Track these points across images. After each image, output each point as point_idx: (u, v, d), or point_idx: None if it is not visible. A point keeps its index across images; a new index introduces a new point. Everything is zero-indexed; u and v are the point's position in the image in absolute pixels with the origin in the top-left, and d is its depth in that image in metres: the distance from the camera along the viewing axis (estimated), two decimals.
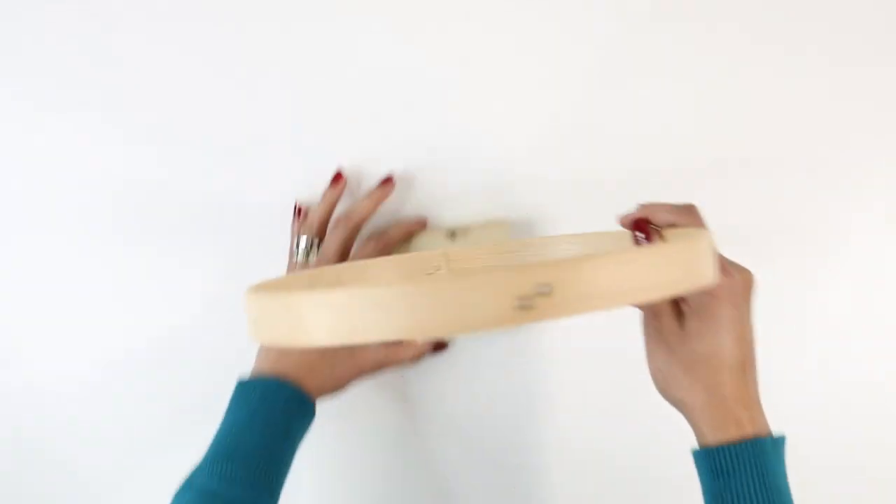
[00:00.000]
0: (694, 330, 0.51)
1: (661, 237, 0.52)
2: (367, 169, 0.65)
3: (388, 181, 0.64)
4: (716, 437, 0.50)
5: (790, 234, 0.68)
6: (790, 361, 0.69)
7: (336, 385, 0.61)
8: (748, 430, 0.49)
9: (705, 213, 0.52)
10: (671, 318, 0.52)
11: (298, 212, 0.65)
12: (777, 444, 0.50)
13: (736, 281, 0.50)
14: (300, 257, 0.63)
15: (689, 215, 0.51)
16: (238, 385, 0.58)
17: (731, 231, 0.65)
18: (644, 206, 0.53)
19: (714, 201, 0.65)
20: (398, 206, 0.66)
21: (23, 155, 0.64)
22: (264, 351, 0.60)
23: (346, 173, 0.64)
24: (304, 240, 0.63)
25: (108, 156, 0.65)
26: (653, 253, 0.37)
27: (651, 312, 0.54)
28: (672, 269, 0.37)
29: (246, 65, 0.63)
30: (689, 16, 0.63)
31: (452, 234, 0.64)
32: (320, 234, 0.63)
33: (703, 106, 0.65)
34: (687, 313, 0.52)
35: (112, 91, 0.63)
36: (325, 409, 0.64)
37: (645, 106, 0.65)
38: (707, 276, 0.41)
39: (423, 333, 0.36)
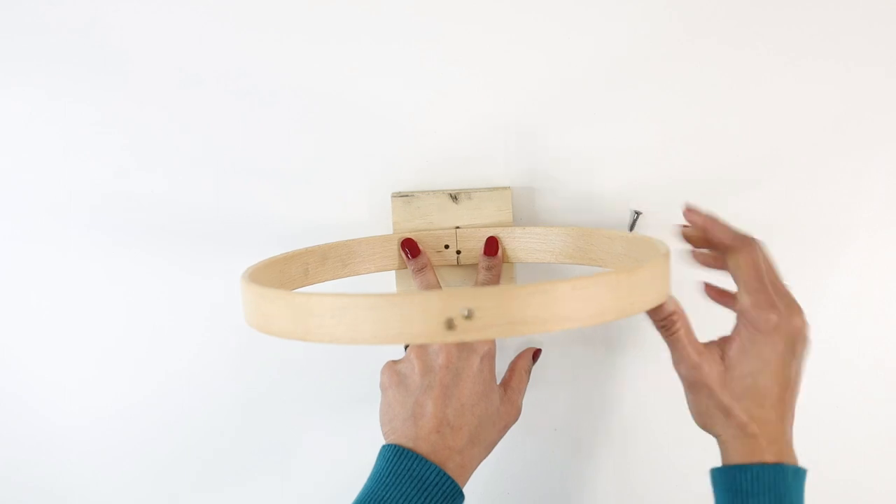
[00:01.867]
0: (738, 368, 0.53)
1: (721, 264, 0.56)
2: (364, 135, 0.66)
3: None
4: (738, 460, 0.53)
5: (790, 235, 0.68)
6: None
7: (483, 456, 0.58)
8: (769, 458, 0.52)
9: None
10: (714, 364, 0.54)
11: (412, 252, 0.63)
12: (798, 474, 0.52)
13: (785, 324, 0.53)
14: None
15: (745, 246, 0.53)
16: (393, 453, 0.54)
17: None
18: (708, 218, 0.55)
19: (722, 198, 0.67)
20: (396, 167, 0.66)
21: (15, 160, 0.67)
22: (415, 416, 0.56)
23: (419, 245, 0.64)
24: None
25: (104, 166, 0.66)
26: (565, 287, 0.40)
27: (691, 373, 0.55)
28: (587, 303, 0.40)
29: (245, 68, 0.65)
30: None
31: (455, 197, 0.65)
32: None
33: (710, 95, 0.65)
34: (732, 351, 0.54)
35: (110, 95, 0.65)
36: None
37: (652, 84, 0.65)
38: (630, 308, 0.43)
39: (363, 342, 0.40)
